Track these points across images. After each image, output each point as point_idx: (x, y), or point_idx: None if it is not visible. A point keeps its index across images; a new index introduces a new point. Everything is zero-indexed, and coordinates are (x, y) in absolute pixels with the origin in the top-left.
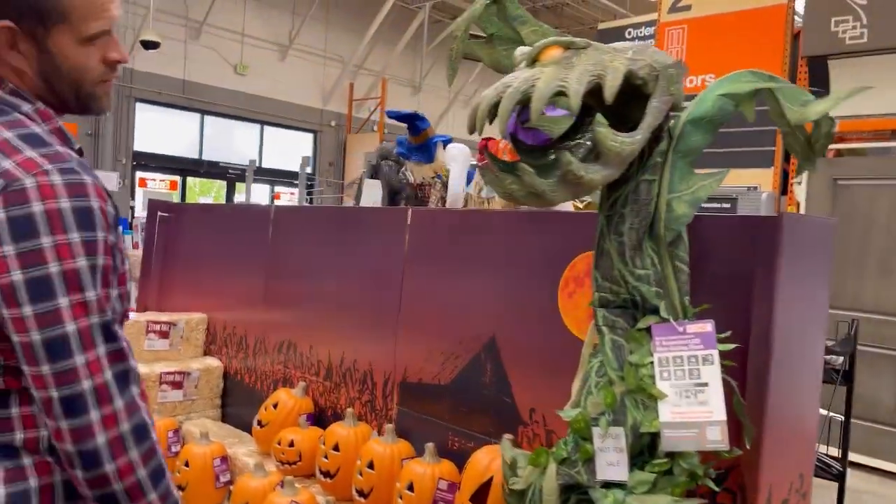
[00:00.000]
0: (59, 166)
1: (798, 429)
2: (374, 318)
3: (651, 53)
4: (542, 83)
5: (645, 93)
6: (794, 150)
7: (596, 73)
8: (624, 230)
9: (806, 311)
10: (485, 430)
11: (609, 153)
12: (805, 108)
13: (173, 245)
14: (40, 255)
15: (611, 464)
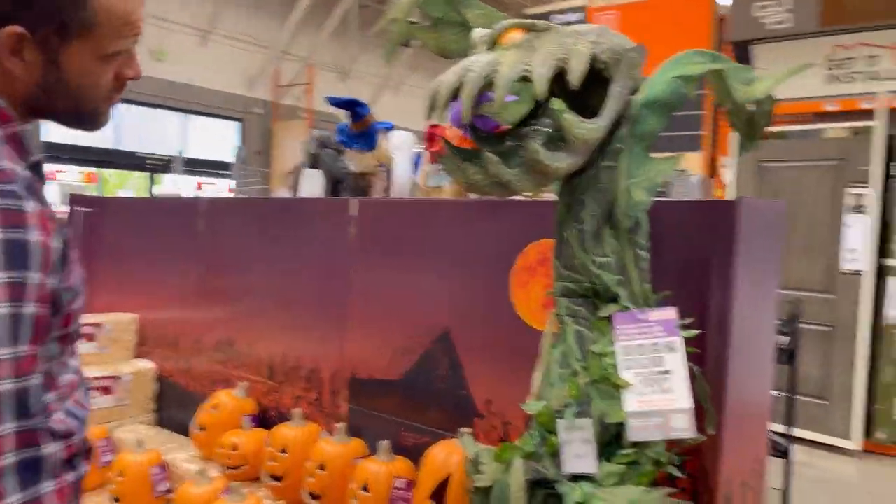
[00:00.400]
0: None
1: (754, 412)
2: (319, 314)
3: (611, 36)
4: (505, 67)
5: (605, 77)
6: (738, 128)
7: (560, 56)
8: (585, 217)
9: (760, 295)
10: (440, 424)
11: (576, 140)
12: (751, 87)
13: (97, 242)
14: None
15: (578, 456)
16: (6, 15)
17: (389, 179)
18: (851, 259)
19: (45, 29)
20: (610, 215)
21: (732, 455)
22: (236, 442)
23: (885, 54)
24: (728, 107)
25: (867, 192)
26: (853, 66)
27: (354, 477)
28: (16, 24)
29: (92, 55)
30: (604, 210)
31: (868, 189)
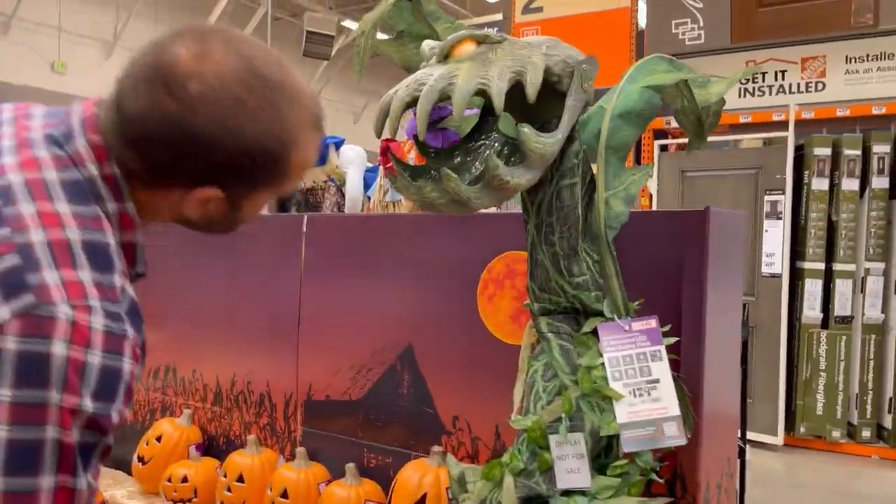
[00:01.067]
0: (107, 307)
1: (726, 414)
2: (269, 335)
3: (564, 48)
4: (461, 81)
5: (558, 90)
6: (687, 129)
7: (516, 69)
8: (555, 240)
9: (728, 301)
10: (404, 443)
11: (533, 155)
12: (706, 90)
13: None
14: (39, 412)
15: (571, 471)
16: (207, 178)
17: (341, 194)
18: (769, 263)
19: (240, 189)
20: (587, 229)
21: (709, 458)
22: (186, 473)
23: (793, 69)
24: (678, 107)
25: (782, 198)
26: (764, 81)
27: (322, 503)
28: (214, 186)
29: (270, 197)
30: (574, 228)
31: (783, 196)
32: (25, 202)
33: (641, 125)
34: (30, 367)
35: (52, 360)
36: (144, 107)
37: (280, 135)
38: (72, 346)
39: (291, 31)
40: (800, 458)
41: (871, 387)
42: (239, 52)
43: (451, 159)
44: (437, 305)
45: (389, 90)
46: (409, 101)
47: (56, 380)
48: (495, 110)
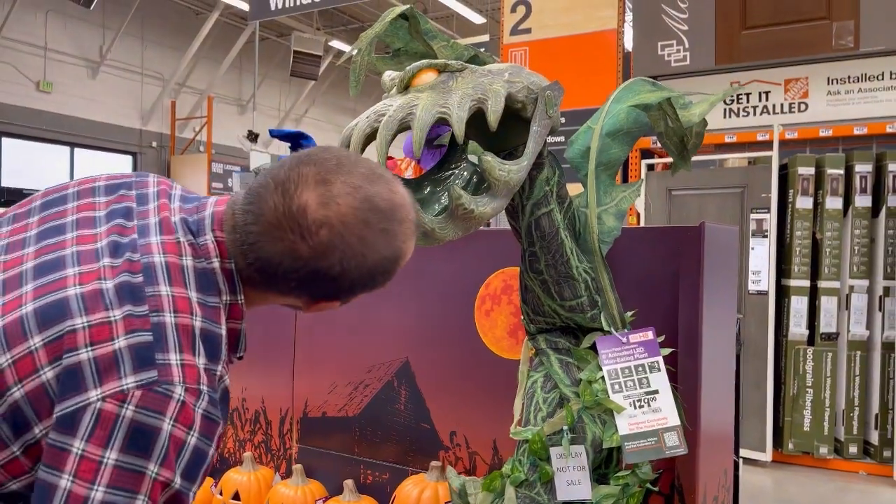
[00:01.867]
0: (211, 393)
1: (722, 427)
2: (264, 352)
3: (527, 75)
4: (421, 111)
5: (523, 117)
6: (671, 150)
7: (476, 97)
8: (541, 268)
9: (722, 315)
10: (401, 459)
11: (498, 183)
12: (688, 111)
13: None
14: (136, 480)
15: (571, 483)
16: (329, 297)
17: None
18: (756, 280)
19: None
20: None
21: (706, 470)
22: None
23: (776, 90)
24: (661, 129)
25: (767, 216)
26: (749, 101)
27: None
28: (334, 300)
29: None
30: (559, 255)
31: (768, 214)
32: (164, 284)
33: (629, 143)
34: (139, 437)
35: (160, 434)
36: (279, 253)
37: (393, 254)
38: (177, 425)
39: (278, 51)
40: (788, 475)
41: (858, 403)
42: (357, 190)
43: (420, 190)
44: (434, 321)
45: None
46: (370, 133)
47: (158, 454)
48: (456, 139)
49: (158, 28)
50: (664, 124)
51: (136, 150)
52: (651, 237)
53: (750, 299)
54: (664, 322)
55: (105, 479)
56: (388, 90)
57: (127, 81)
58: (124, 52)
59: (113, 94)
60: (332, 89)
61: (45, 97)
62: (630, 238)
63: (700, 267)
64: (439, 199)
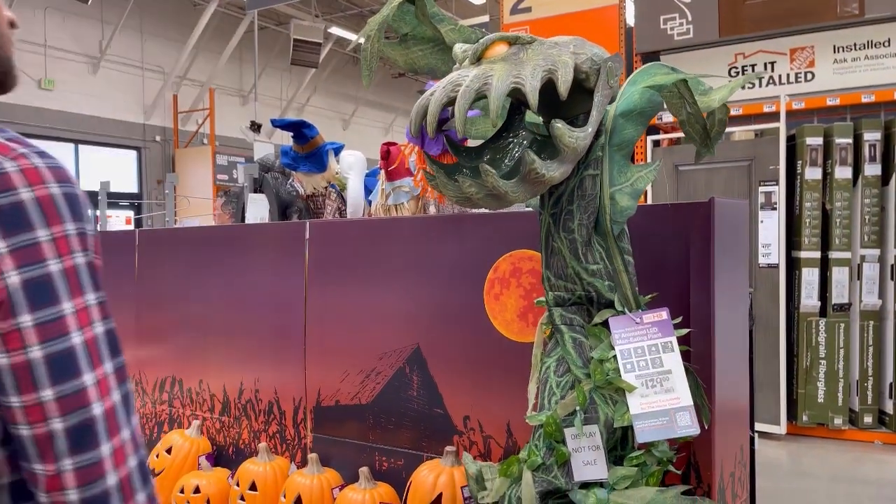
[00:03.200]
0: (33, 150)
1: (737, 403)
2: (276, 343)
3: (590, 47)
4: (497, 80)
5: (586, 87)
6: (693, 137)
7: (547, 68)
8: (574, 227)
9: (735, 291)
10: (416, 445)
11: (567, 149)
12: (708, 97)
13: None
14: (38, 251)
15: (587, 463)
16: None
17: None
18: (766, 253)
19: None
20: (597, 223)
21: (723, 448)
22: (198, 484)
23: (782, 60)
24: (683, 117)
25: (776, 189)
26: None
27: None
28: None
29: None
30: (591, 218)
31: (776, 186)
32: None
33: (643, 123)
34: (8, 217)
35: (25, 205)
36: None
37: None
38: (34, 188)
39: (277, 40)
40: (803, 447)
41: (871, 373)
42: None
43: (481, 157)
44: (443, 307)
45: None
46: (447, 102)
47: (37, 219)
48: (531, 107)
49: (157, 21)
50: (685, 111)
51: (140, 145)
52: (660, 214)
53: (760, 273)
54: (675, 300)
55: (10, 265)
56: (459, 62)
57: (128, 76)
58: (124, 46)
59: (115, 90)
60: (334, 76)
61: (48, 95)
62: (639, 216)
63: (711, 243)
64: (500, 164)
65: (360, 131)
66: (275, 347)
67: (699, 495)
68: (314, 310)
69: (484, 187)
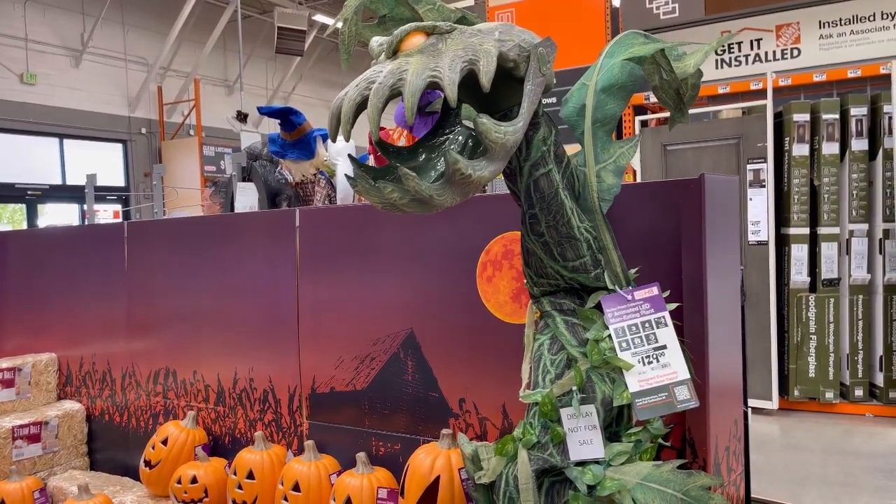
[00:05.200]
0: None
1: (730, 378)
2: (268, 331)
3: (518, 33)
4: (411, 75)
5: (516, 76)
6: (667, 103)
7: (468, 58)
8: (542, 230)
9: (726, 266)
10: (412, 429)
11: (494, 146)
12: (682, 62)
13: (0, 280)
14: None
15: (584, 443)
16: None
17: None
18: (755, 231)
19: None
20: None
21: (717, 422)
22: (195, 474)
23: (767, 37)
24: (656, 83)
25: (764, 166)
26: (740, 50)
27: (335, 493)
28: None
29: None
30: (560, 215)
31: (765, 164)
32: None
33: (625, 98)
34: None
35: None
36: None
37: None
38: None
39: (261, 29)
40: (795, 421)
41: (862, 346)
42: None
43: (415, 158)
44: (436, 290)
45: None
46: (360, 102)
47: None
48: (449, 102)
49: (138, 12)
50: (658, 77)
51: (125, 138)
52: (650, 192)
53: (750, 250)
54: (667, 277)
55: None
56: (376, 57)
57: (111, 68)
58: (106, 38)
59: (98, 83)
60: (319, 64)
61: (30, 89)
62: (629, 194)
63: (702, 219)
64: (435, 165)
65: None
66: (268, 336)
67: (695, 469)
68: (306, 297)
69: (407, 192)
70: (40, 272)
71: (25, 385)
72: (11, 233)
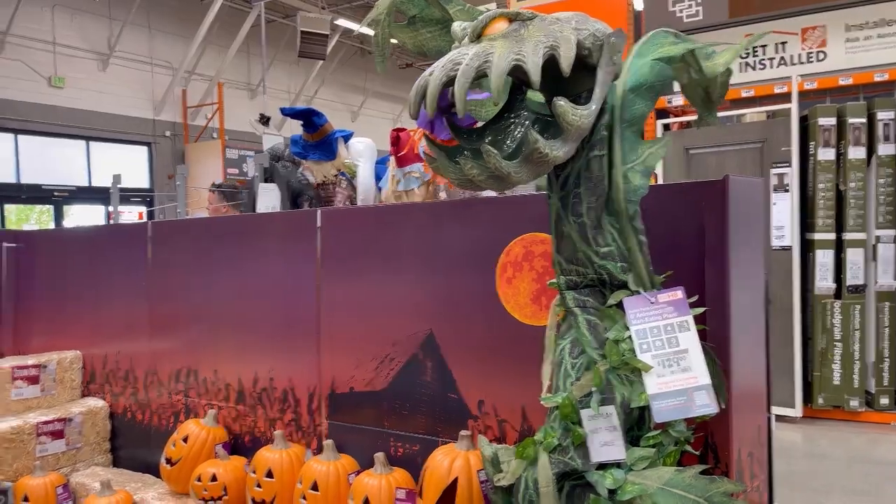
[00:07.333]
0: None
1: (754, 383)
2: (289, 332)
3: (592, 23)
4: (497, 57)
5: (588, 63)
6: (695, 102)
7: (549, 44)
8: (582, 210)
9: (750, 270)
10: (431, 430)
11: (570, 127)
12: (712, 61)
13: (28, 279)
14: None
15: (605, 444)
16: None
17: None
18: (779, 236)
19: None
20: (608, 204)
21: (740, 428)
22: (215, 472)
23: (793, 40)
24: (685, 82)
25: (789, 170)
26: (765, 54)
27: (353, 493)
28: None
29: None
30: (600, 200)
31: (789, 168)
32: None
33: (654, 98)
34: None
35: None
36: None
37: None
38: None
39: (284, 33)
40: (819, 429)
41: (888, 354)
42: None
43: (482, 138)
44: (456, 291)
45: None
46: (446, 82)
47: None
48: (531, 84)
49: (164, 16)
50: (687, 76)
51: (150, 140)
52: (673, 193)
53: (774, 255)
54: (689, 280)
55: None
56: (458, 40)
57: (137, 72)
58: (132, 42)
59: (124, 86)
60: (341, 68)
61: (58, 92)
62: (651, 195)
63: (726, 222)
64: (502, 146)
65: (369, 122)
66: (288, 336)
67: (717, 475)
68: (327, 297)
69: (486, 169)
70: (66, 271)
71: (50, 382)
72: (39, 232)
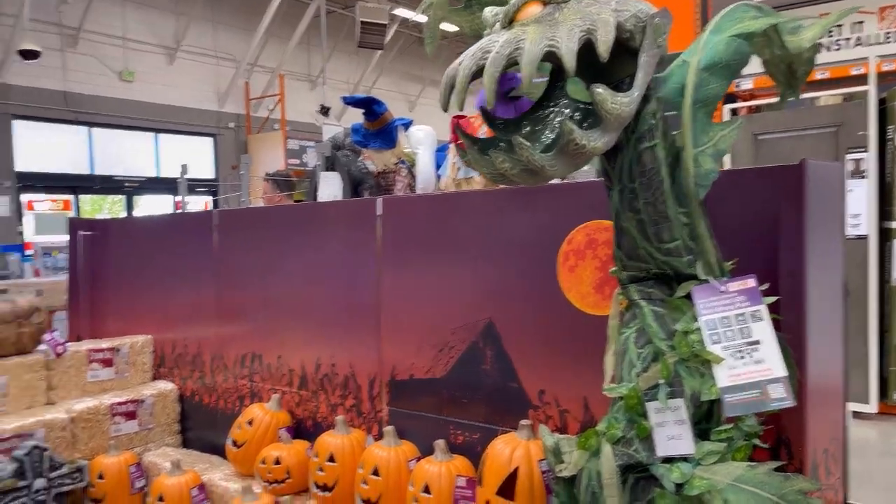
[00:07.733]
0: None
1: (830, 376)
2: (350, 318)
3: (634, 3)
4: (529, 44)
5: (630, 47)
6: (778, 79)
7: (585, 28)
8: (639, 206)
9: (827, 258)
10: (490, 419)
11: (610, 116)
12: (797, 36)
13: (102, 266)
14: None
15: (672, 437)
16: None
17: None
18: (855, 224)
19: None
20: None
21: (815, 422)
22: (278, 455)
23: (870, 19)
24: (766, 57)
25: (865, 156)
26: (841, 34)
27: (414, 479)
28: None
29: None
30: (658, 193)
31: (866, 153)
32: None
33: (729, 77)
34: None
35: None
36: None
37: None
38: None
39: (344, 24)
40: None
41: None
42: None
43: (519, 129)
44: (516, 280)
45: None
46: (476, 71)
47: None
48: (566, 72)
49: (228, 10)
50: (770, 52)
51: (215, 132)
52: (746, 179)
53: (848, 244)
54: (762, 270)
55: None
56: (490, 26)
57: (202, 65)
58: (198, 36)
59: (190, 79)
60: (400, 57)
61: (128, 86)
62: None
63: (803, 208)
64: (540, 136)
65: (427, 111)
66: (349, 323)
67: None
68: (387, 285)
69: (519, 162)
70: (137, 258)
71: (123, 365)
72: (112, 221)
